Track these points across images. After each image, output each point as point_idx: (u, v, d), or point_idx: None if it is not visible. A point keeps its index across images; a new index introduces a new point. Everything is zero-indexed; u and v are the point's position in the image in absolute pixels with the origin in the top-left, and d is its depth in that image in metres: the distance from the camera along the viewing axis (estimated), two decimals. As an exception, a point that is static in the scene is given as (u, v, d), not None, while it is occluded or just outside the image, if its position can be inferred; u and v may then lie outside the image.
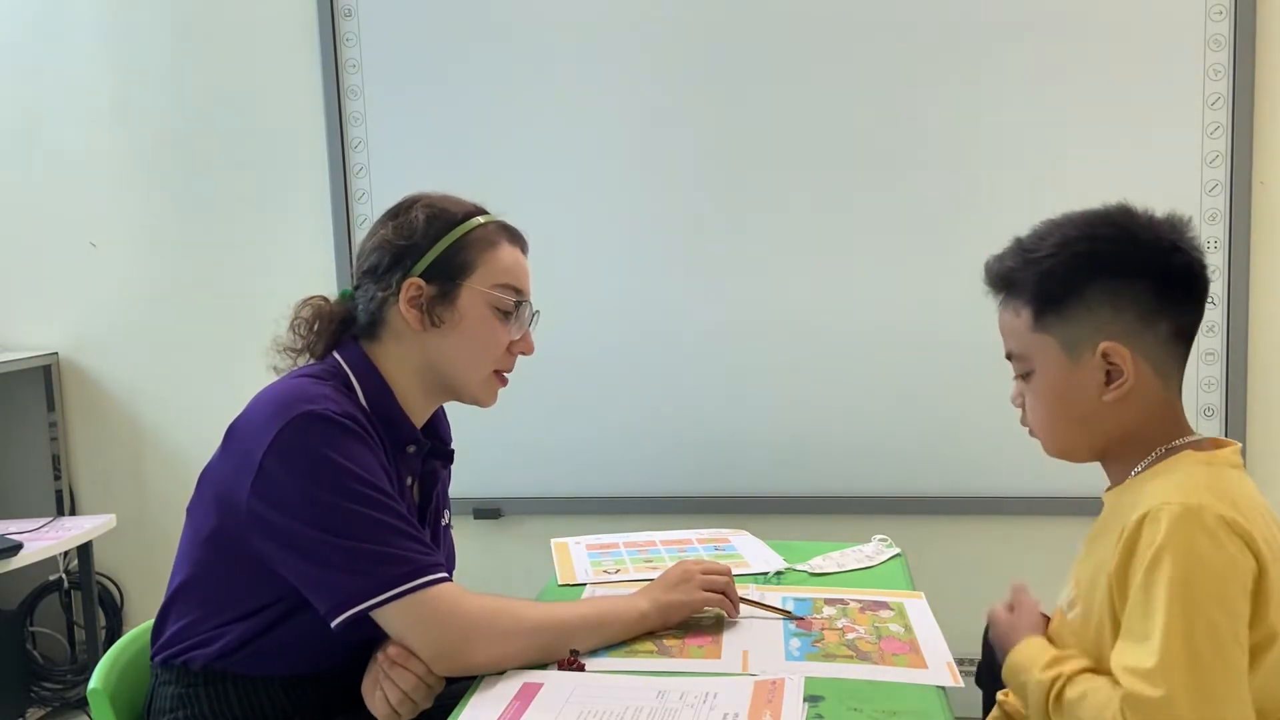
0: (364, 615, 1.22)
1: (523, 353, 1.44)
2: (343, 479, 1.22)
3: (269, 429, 1.24)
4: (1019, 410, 1.21)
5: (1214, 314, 2.45)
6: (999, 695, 1.30)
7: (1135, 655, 1.00)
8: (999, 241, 1.25)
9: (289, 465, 1.22)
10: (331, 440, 1.24)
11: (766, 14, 2.51)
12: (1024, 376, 1.18)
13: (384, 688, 1.25)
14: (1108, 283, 1.11)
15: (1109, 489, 1.18)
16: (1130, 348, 1.10)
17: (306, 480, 1.22)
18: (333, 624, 1.22)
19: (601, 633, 1.33)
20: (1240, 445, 1.19)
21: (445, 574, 1.26)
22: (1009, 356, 1.19)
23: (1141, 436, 1.14)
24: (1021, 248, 1.16)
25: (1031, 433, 1.20)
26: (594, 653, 1.35)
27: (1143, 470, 1.14)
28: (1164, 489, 1.05)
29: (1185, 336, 1.14)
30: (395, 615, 1.23)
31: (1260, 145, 2.41)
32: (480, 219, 1.40)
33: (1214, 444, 1.16)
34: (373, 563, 1.21)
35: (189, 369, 2.85)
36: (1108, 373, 1.11)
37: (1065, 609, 1.16)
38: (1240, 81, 2.38)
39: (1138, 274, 1.11)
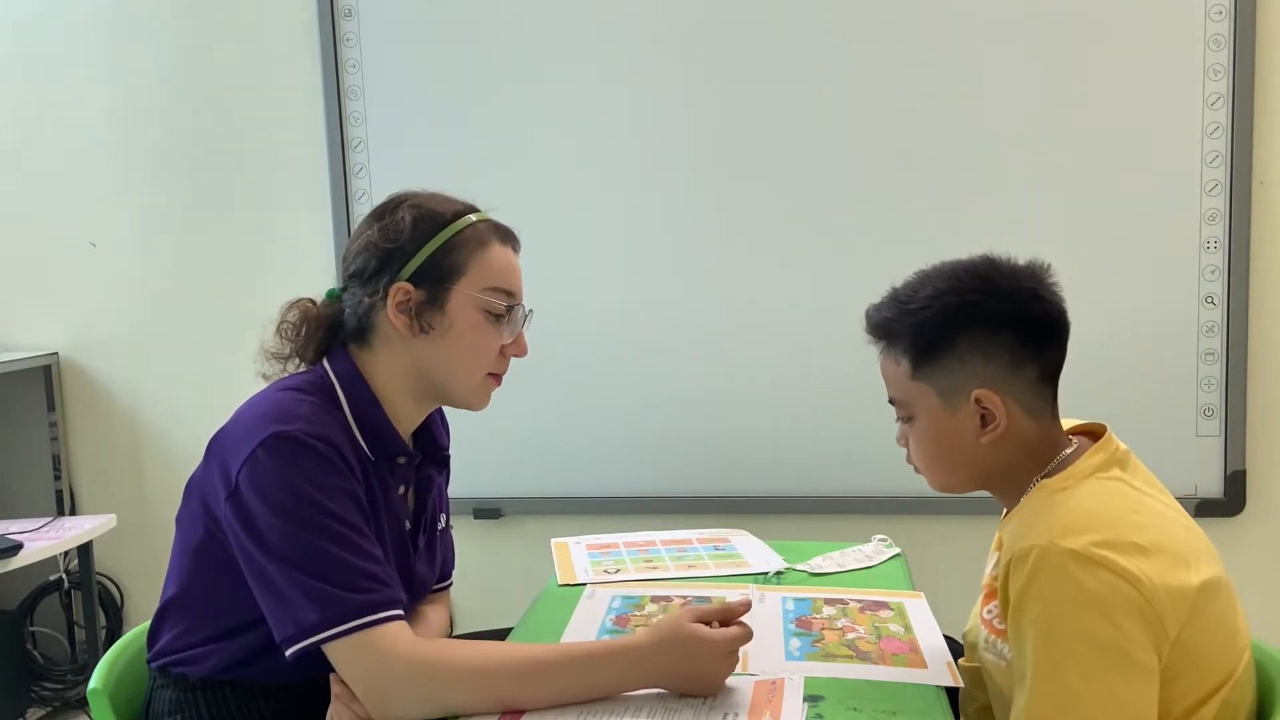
0: (316, 647, 1.19)
1: (515, 355, 1.40)
2: (305, 509, 1.19)
3: (243, 447, 1.22)
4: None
5: (1214, 314, 2.45)
6: (960, 661, 1.33)
7: (1019, 698, 1.06)
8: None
9: (257, 490, 1.20)
10: (300, 466, 1.20)
11: (764, 15, 2.51)
12: (906, 420, 1.25)
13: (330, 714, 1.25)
14: (977, 333, 1.17)
15: (1004, 517, 1.25)
16: (1001, 393, 1.17)
17: (271, 509, 1.19)
18: (286, 654, 1.19)
19: (551, 683, 1.19)
20: (1107, 431, 1.21)
21: (397, 612, 1.21)
22: (891, 402, 1.26)
23: (1019, 469, 1.21)
24: (897, 299, 1.23)
25: (916, 470, 1.27)
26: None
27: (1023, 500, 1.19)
28: (1027, 531, 1.09)
29: (1051, 377, 1.20)
30: (337, 653, 1.19)
31: (1260, 145, 2.41)
32: (470, 218, 1.35)
33: (1086, 443, 1.21)
34: (323, 598, 1.17)
35: (189, 369, 2.85)
36: (982, 417, 1.18)
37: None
38: (1240, 81, 2.38)
39: (1003, 324, 1.17)
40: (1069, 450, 1.20)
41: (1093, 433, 1.23)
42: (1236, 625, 1.13)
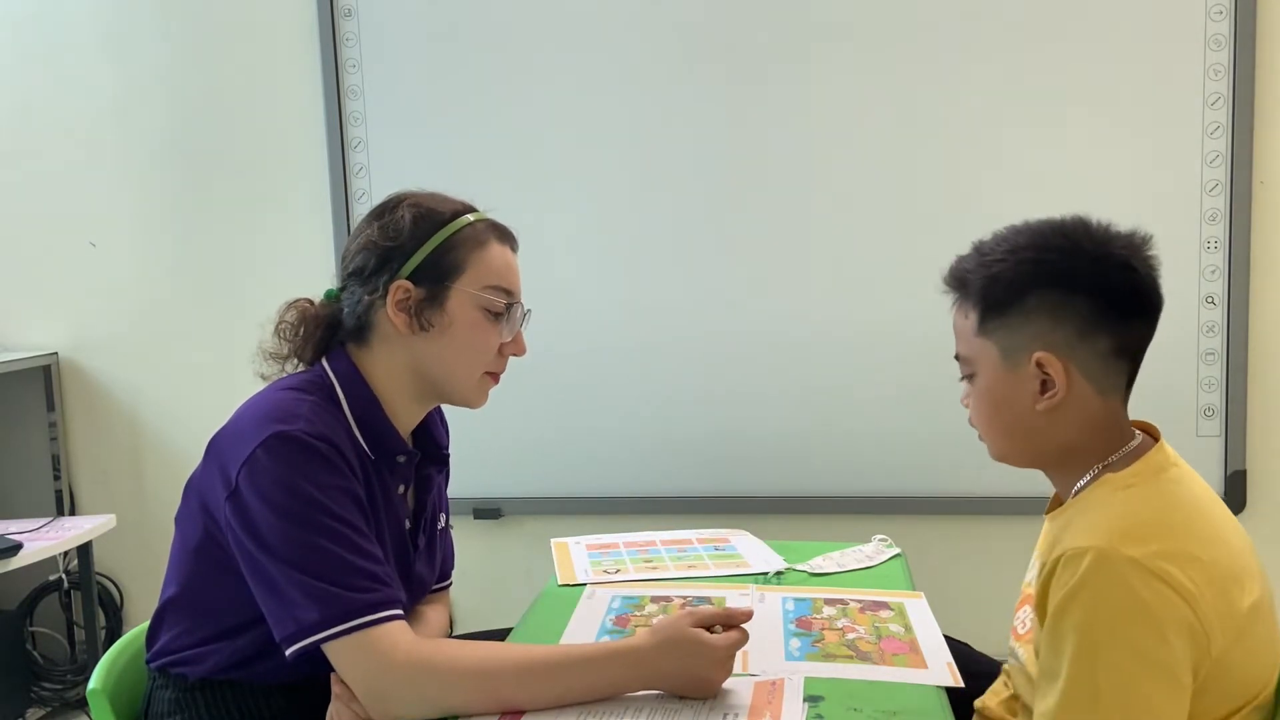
0: (316, 647, 1.19)
1: (514, 354, 1.40)
2: (305, 509, 1.19)
3: (243, 447, 1.22)
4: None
5: (1214, 314, 2.45)
6: (975, 704, 1.31)
7: (1044, 697, 1.02)
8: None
9: (258, 490, 1.20)
10: (300, 466, 1.21)
11: (765, 17, 2.51)
12: (969, 378, 1.19)
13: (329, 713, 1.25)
14: (1049, 293, 1.11)
15: (1049, 511, 1.19)
16: (1065, 360, 1.10)
17: (271, 508, 1.19)
18: (286, 653, 1.19)
19: (550, 685, 1.19)
20: (1160, 434, 1.17)
21: (397, 611, 1.21)
22: (957, 357, 1.20)
23: (1079, 449, 1.14)
24: (979, 251, 1.17)
25: (980, 437, 1.21)
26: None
27: (1080, 491, 1.14)
28: (1084, 528, 1.05)
29: (1130, 354, 1.13)
30: (336, 652, 1.19)
31: (1260, 145, 2.41)
32: (469, 217, 1.36)
33: (1150, 443, 1.15)
34: (323, 598, 1.18)
35: (189, 369, 2.85)
36: (1042, 383, 1.12)
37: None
38: (1240, 81, 2.38)
39: (1080, 288, 1.10)
40: (1134, 443, 1.14)
41: (1145, 429, 1.18)
42: (1273, 644, 1.09)
